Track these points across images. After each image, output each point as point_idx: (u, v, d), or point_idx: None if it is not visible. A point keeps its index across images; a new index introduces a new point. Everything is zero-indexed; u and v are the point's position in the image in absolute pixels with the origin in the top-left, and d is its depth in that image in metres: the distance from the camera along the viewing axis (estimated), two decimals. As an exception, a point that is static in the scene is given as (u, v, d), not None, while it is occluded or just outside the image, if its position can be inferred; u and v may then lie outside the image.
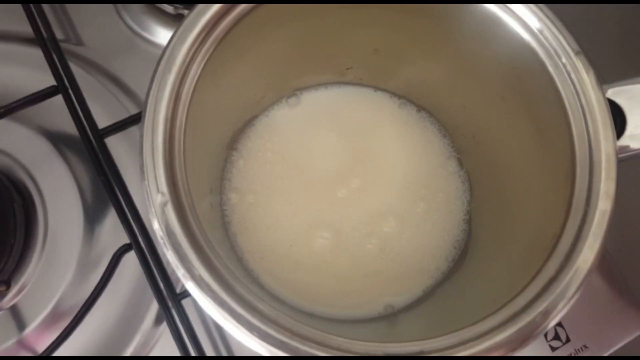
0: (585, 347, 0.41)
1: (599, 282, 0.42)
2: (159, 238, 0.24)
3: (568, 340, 0.41)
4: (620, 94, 0.28)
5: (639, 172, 0.45)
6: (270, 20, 0.30)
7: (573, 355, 0.41)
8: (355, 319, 0.36)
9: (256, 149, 0.39)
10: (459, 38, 0.30)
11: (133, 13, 0.48)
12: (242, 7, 0.27)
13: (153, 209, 0.24)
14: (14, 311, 0.39)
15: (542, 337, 0.41)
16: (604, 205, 0.25)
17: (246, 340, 0.23)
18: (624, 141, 0.28)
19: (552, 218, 0.27)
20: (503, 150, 0.35)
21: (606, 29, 0.52)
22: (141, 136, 0.25)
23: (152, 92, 0.25)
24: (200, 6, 0.27)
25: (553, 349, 0.41)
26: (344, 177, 0.39)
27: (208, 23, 0.27)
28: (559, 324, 0.41)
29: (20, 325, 0.39)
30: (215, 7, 0.27)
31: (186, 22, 0.27)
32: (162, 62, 0.26)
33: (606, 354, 0.41)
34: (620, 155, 0.26)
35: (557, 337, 0.41)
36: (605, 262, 0.44)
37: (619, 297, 0.42)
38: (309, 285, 0.37)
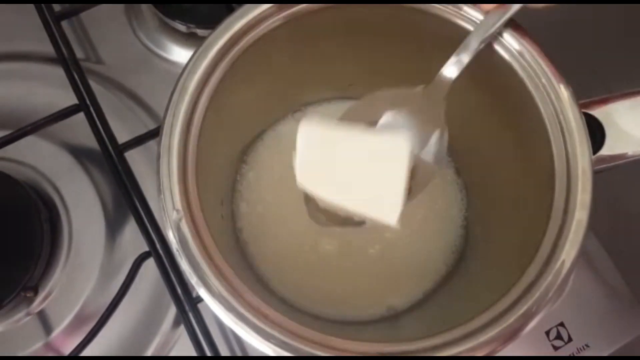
0: (587, 346, 0.41)
1: (600, 283, 0.43)
2: (174, 250, 0.26)
3: (570, 339, 0.41)
4: (600, 108, 0.30)
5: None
6: (274, 47, 0.32)
7: (575, 354, 0.42)
8: (359, 320, 0.37)
9: (265, 161, 0.41)
10: (444, 59, 0.31)
11: (148, 32, 0.50)
12: (248, 39, 0.29)
13: (169, 224, 0.27)
14: (42, 316, 0.41)
15: (544, 336, 0.42)
16: (580, 215, 0.26)
17: (253, 342, 0.25)
18: (603, 153, 0.29)
19: (534, 226, 0.28)
20: (492, 161, 0.36)
21: (606, 31, 0.53)
22: (158, 159, 0.27)
23: (167, 119, 0.28)
24: (208, 40, 0.29)
25: (555, 348, 0.41)
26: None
27: (216, 55, 0.29)
28: (561, 324, 0.42)
29: (48, 328, 0.41)
30: (222, 40, 0.29)
31: (196, 54, 0.29)
32: (176, 93, 0.28)
33: (608, 353, 0.42)
34: (599, 167, 0.28)
35: (559, 336, 0.41)
36: (606, 263, 0.44)
37: (620, 297, 0.43)
38: (316, 289, 0.38)
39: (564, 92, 0.28)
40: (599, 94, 0.31)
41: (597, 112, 0.30)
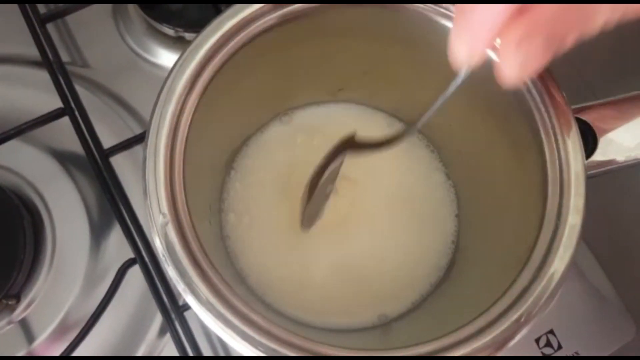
0: (577, 353, 0.42)
1: (590, 290, 0.43)
2: (160, 255, 0.26)
3: (560, 347, 0.42)
4: (592, 113, 0.30)
5: (631, 184, 0.46)
6: (263, 49, 0.31)
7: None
8: (350, 328, 0.37)
9: (252, 167, 0.40)
10: (439, 64, 0.31)
11: (135, 35, 0.49)
12: (236, 40, 0.29)
13: (155, 229, 0.26)
14: (24, 324, 0.40)
15: (534, 344, 0.42)
16: (573, 219, 0.26)
17: (241, 349, 0.25)
18: (595, 158, 0.29)
19: (526, 231, 0.28)
20: (484, 166, 0.36)
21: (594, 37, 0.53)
22: (144, 162, 0.27)
23: (153, 121, 0.27)
24: (196, 41, 0.29)
25: (545, 355, 0.41)
26: (336, 195, 0.39)
27: (205, 56, 0.29)
28: (551, 332, 0.42)
29: (30, 337, 0.40)
30: (211, 42, 0.29)
31: (184, 55, 0.29)
32: (163, 94, 0.28)
33: (598, 360, 0.42)
34: (591, 172, 0.28)
35: (549, 344, 0.42)
36: (595, 271, 0.45)
37: (609, 304, 0.43)
38: (305, 299, 0.38)
39: (556, 97, 0.28)
40: (586, 100, 0.31)
41: (590, 118, 0.30)
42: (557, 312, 0.43)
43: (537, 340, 0.42)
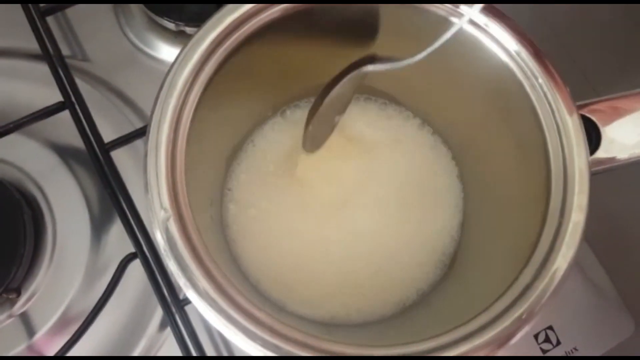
0: (576, 349, 0.42)
1: (589, 286, 0.43)
2: (161, 250, 0.26)
3: (559, 342, 0.42)
4: (595, 110, 0.30)
5: (630, 180, 0.46)
6: (265, 45, 0.31)
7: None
8: (350, 323, 0.37)
9: (255, 160, 0.40)
10: (444, 58, 0.31)
11: (136, 29, 0.49)
12: (238, 34, 0.29)
13: (156, 224, 0.26)
14: (24, 318, 0.40)
15: (533, 340, 0.42)
16: (577, 217, 0.26)
17: (242, 344, 0.25)
18: (598, 155, 0.29)
19: (529, 228, 0.28)
20: (489, 162, 0.36)
21: (595, 34, 0.53)
22: (145, 156, 0.27)
23: (155, 116, 0.27)
24: (197, 35, 0.29)
25: (544, 351, 0.42)
26: (337, 191, 0.40)
27: (206, 50, 0.28)
28: (550, 328, 0.42)
29: (30, 331, 0.40)
30: (212, 36, 0.28)
31: (185, 50, 0.28)
32: (164, 88, 0.28)
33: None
34: (594, 169, 0.28)
35: (547, 339, 0.42)
36: (594, 267, 0.45)
37: (607, 300, 0.43)
38: (306, 291, 0.37)
39: (561, 93, 0.28)
40: (588, 97, 0.31)
41: (593, 115, 0.30)
42: (556, 308, 0.43)
43: (536, 336, 0.42)
